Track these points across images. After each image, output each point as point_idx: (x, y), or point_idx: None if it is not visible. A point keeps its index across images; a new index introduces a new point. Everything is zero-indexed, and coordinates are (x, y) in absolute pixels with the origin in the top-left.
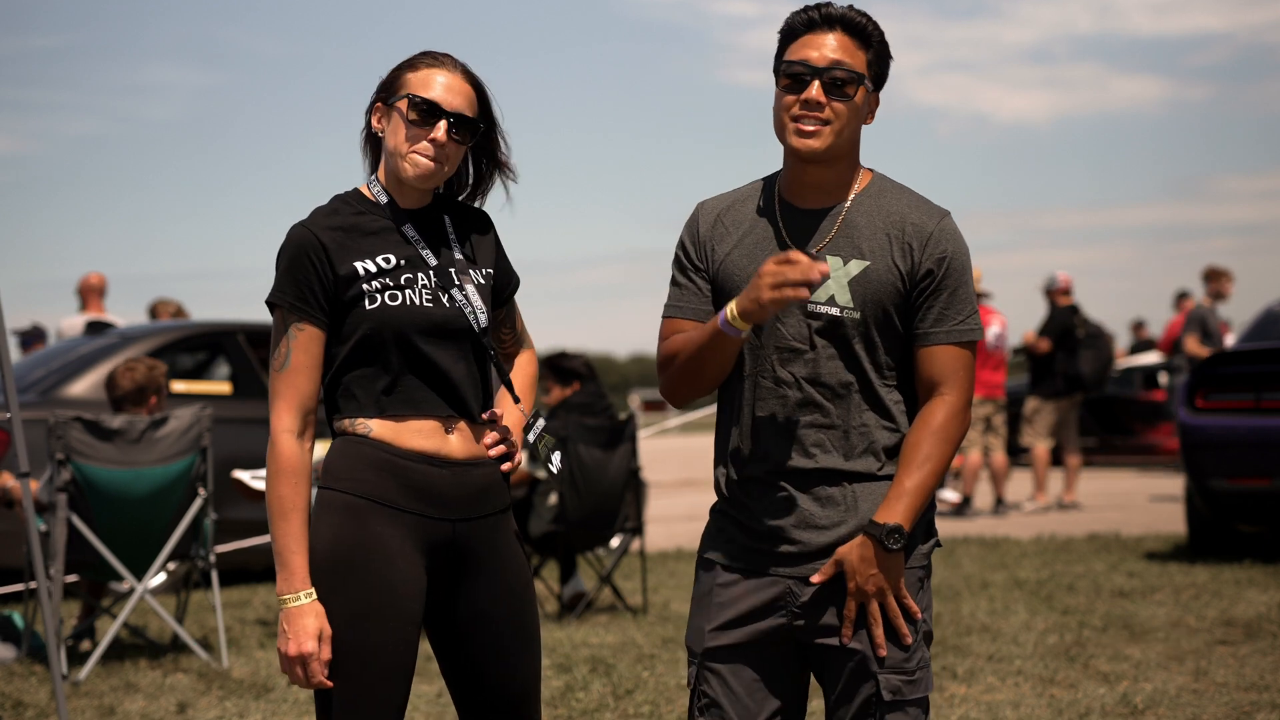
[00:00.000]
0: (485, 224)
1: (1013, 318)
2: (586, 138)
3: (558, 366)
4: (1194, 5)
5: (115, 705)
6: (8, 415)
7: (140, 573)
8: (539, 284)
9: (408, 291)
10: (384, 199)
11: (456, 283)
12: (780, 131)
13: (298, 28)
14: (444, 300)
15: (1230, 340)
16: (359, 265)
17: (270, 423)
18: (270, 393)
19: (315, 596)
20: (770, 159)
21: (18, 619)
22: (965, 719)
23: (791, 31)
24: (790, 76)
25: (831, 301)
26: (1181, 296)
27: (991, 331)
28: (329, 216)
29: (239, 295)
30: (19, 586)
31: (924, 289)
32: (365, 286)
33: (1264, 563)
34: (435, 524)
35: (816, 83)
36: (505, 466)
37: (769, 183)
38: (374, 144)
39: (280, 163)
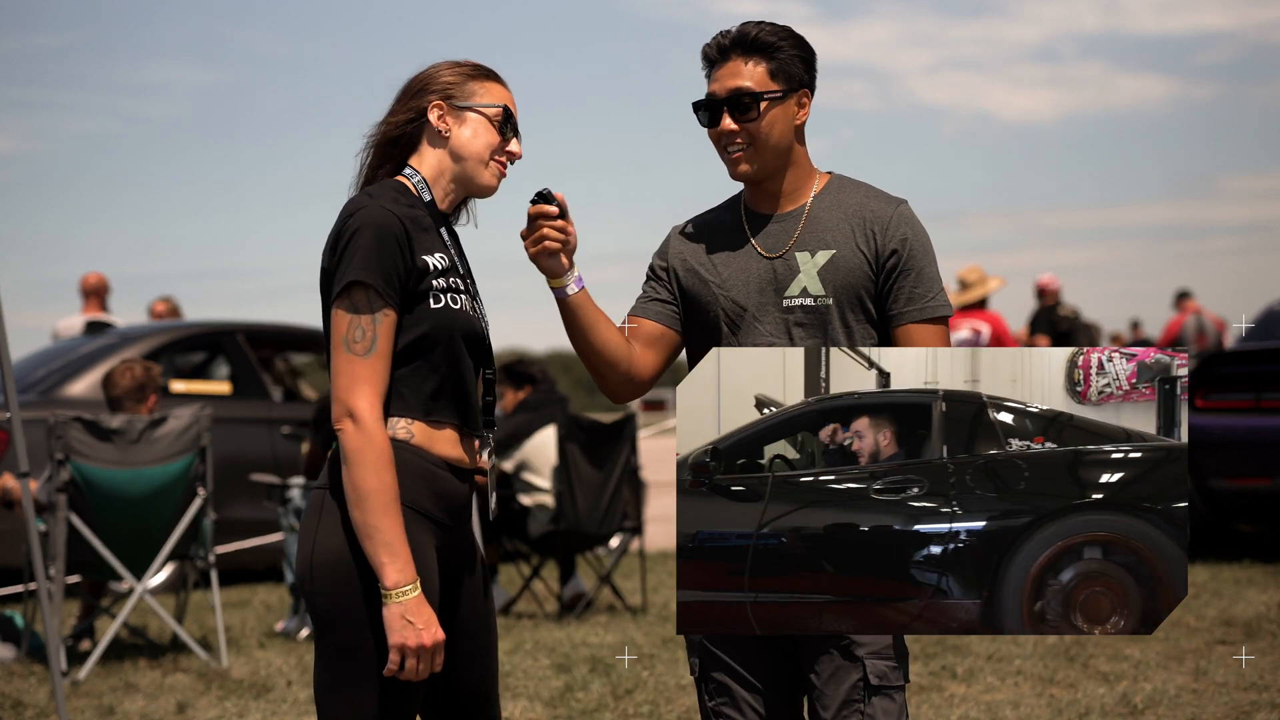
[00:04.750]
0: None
1: (1014, 318)
2: (588, 137)
3: (513, 371)
4: (1199, 4)
5: (115, 705)
6: (8, 415)
7: (140, 573)
8: (539, 284)
9: (463, 296)
10: (427, 196)
11: (477, 292)
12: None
13: (301, 27)
14: (475, 309)
15: (1229, 339)
16: (428, 259)
17: (352, 407)
18: (350, 376)
19: None
20: None
21: (18, 619)
22: (965, 719)
23: (706, 70)
24: (703, 111)
25: (804, 293)
26: (1182, 296)
27: (960, 336)
28: (395, 203)
29: (239, 295)
30: (19, 587)
31: (890, 271)
32: (435, 283)
33: (1264, 563)
34: (448, 531)
35: (725, 114)
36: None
37: (735, 198)
38: (403, 140)
39: (283, 162)
